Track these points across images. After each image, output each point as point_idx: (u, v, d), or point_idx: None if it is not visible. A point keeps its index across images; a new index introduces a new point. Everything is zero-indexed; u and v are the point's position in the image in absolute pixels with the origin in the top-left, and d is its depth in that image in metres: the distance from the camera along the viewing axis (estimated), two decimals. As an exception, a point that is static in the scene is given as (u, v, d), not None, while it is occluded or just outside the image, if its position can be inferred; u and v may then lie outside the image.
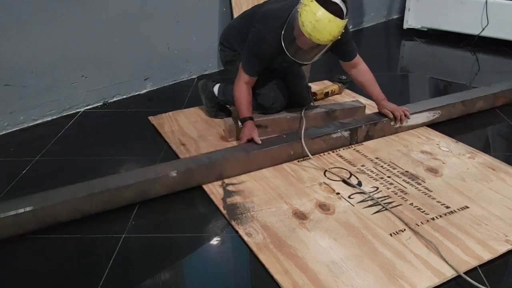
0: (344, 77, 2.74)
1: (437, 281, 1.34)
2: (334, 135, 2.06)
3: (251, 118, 2.05)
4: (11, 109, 2.36)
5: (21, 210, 1.52)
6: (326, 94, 2.66)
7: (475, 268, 1.40)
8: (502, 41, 3.63)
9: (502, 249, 1.46)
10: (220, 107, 2.42)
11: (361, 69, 2.18)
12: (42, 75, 2.42)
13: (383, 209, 1.67)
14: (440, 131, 2.25)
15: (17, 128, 2.40)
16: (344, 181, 1.84)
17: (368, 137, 2.17)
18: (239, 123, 2.07)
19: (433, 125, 2.31)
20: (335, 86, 2.72)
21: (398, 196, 1.75)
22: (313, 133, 2.04)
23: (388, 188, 1.80)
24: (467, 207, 1.67)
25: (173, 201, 1.82)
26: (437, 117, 2.31)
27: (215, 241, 1.58)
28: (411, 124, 2.26)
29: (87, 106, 2.66)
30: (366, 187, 1.80)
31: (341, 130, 2.08)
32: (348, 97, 2.67)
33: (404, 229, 1.56)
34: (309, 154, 1.95)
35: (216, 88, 2.35)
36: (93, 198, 1.62)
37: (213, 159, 1.83)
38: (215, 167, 1.82)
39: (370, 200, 1.72)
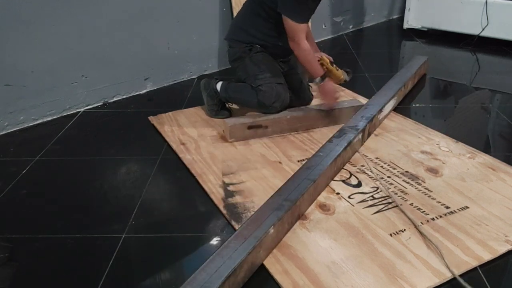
0: (347, 70, 2.72)
1: (437, 281, 1.34)
2: (355, 140, 2.02)
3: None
4: (11, 109, 2.36)
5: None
6: None
7: (475, 269, 1.39)
8: (502, 41, 3.63)
9: (502, 249, 1.46)
10: (222, 106, 2.42)
11: None
12: (42, 75, 2.42)
13: (384, 209, 1.67)
14: (440, 131, 2.25)
15: (17, 128, 2.40)
16: (344, 181, 1.85)
17: (368, 135, 2.18)
18: (319, 80, 2.19)
19: (433, 124, 2.32)
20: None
21: (398, 196, 1.75)
22: (343, 143, 1.96)
23: (388, 188, 1.80)
24: (467, 207, 1.67)
25: (173, 201, 1.83)
26: (395, 103, 2.50)
27: (215, 241, 1.58)
28: (385, 114, 2.37)
29: (87, 106, 2.66)
30: (366, 187, 1.80)
31: (357, 133, 2.04)
32: (348, 96, 2.67)
33: (404, 229, 1.56)
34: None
35: (219, 85, 2.35)
36: None
37: (292, 200, 1.59)
38: (297, 207, 1.61)
39: (371, 200, 1.73)
